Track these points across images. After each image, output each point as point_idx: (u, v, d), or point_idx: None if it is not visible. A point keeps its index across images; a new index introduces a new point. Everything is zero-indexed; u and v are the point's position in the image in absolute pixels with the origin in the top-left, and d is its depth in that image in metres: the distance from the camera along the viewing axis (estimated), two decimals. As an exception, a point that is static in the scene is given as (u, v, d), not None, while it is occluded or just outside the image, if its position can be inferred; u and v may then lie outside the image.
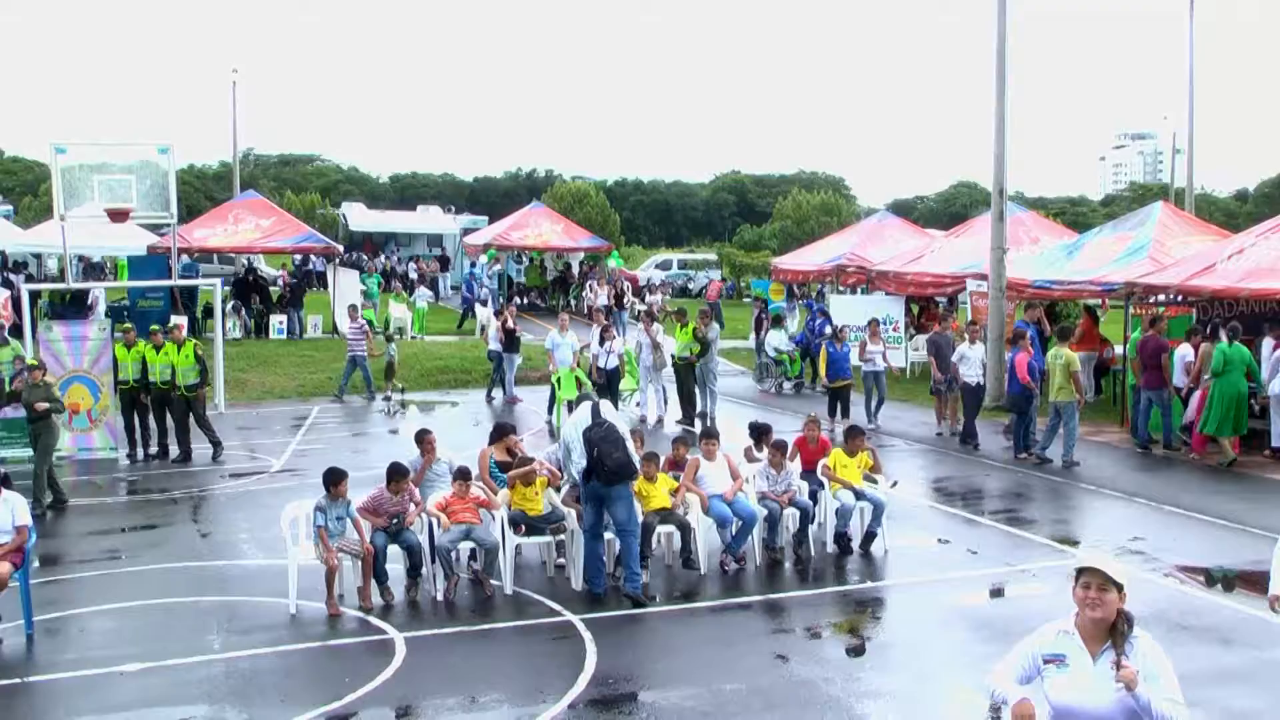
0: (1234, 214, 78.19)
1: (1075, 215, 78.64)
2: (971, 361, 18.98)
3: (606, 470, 10.74)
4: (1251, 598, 10.94)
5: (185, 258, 32.87)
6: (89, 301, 30.64)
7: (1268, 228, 19.65)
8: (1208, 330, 18.84)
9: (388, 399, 23.95)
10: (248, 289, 35.37)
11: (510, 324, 24.47)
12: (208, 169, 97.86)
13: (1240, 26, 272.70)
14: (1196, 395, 17.81)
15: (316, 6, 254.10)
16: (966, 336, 19.58)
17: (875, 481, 13.00)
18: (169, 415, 18.44)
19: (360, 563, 10.79)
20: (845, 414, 20.60)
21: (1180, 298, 20.18)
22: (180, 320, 23.88)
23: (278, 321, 32.91)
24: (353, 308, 25.50)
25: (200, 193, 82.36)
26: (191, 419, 18.38)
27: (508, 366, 24.33)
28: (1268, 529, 13.19)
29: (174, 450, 18.38)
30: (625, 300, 37.50)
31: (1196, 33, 39.01)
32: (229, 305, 32.44)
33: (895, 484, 13.85)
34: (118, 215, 21.33)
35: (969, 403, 19.17)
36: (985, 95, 23.13)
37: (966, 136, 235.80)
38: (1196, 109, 39.91)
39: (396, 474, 11.19)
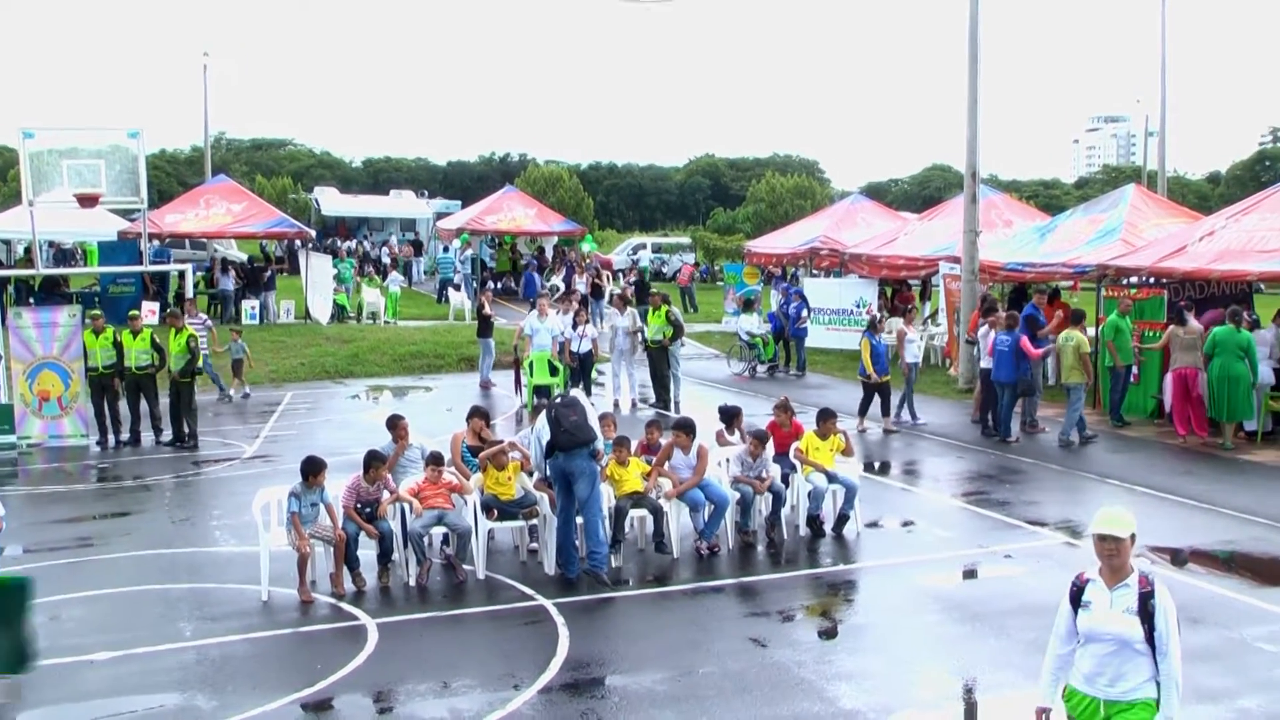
0: (1206, 196, 78.66)
1: (1048, 198, 79.00)
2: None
3: (564, 430, 10.80)
4: (1221, 578, 11.11)
5: (156, 243, 32.58)
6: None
7: (1239, 210, 19.76)
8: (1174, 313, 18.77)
9: (229, 399, 22.69)
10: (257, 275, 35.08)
11: (486, 309, 24.38)
12: (179, 153, 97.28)
13: (1213, 10, 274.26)
14: (1169, 377, 17.87)
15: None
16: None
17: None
18: (143, 401, 18.31)
19: (333, 549, 10.76)
20: (885, 411, 18.92)
21: (1152, 279, 20.29)
22: (152, 306, 23.65)
23: (250, 306, 32.65)
24: (190, 300, 23.21)
25: (172, 177, 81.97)
26: (180, 403, 18.17)
27: (483, 351, 24.20)
28: (1238, 509, 13.35)
29: (148, 437, 18.28)
30: (604, 289, 37.41)
31: (1169, 16, 39.25)
32: (239, 291, 32.28)
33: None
34: (87, 200, 21.15)
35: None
36: (959, 78, 23.17)
37: (940, 120, 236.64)
38: (1169, 92, 40.28)
39: (373, 462, 11.15)
